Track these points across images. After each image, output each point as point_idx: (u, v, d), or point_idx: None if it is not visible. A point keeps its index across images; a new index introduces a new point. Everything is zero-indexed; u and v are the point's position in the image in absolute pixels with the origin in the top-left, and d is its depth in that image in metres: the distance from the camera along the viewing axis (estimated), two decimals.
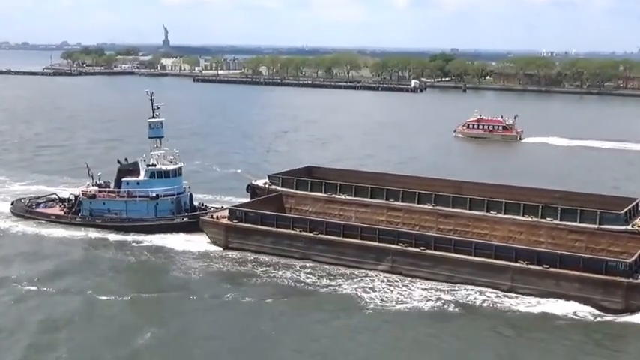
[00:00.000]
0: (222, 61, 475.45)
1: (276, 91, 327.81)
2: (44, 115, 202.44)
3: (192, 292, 61.12)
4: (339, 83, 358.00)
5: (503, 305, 58.37)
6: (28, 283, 62.19)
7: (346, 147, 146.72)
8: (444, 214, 72.42)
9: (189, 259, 69.92)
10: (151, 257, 70.41)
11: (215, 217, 73.60)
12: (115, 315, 56.37)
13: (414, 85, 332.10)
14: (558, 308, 57.48)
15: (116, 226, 78.11)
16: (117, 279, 64.66)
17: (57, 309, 57.20)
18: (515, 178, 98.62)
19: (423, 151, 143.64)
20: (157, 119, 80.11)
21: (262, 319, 55.70)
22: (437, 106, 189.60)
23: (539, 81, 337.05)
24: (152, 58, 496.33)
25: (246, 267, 67.25)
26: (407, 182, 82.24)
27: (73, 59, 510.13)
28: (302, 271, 65.73)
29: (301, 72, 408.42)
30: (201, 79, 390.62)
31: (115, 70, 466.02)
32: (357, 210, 76.22)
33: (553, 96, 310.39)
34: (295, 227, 69.42)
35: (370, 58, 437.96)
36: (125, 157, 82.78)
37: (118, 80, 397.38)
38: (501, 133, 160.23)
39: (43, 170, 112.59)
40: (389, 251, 64.82)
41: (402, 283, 62.66)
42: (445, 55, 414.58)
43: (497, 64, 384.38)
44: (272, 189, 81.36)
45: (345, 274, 64.88)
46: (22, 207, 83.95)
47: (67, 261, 69.31)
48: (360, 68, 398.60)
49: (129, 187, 79.37)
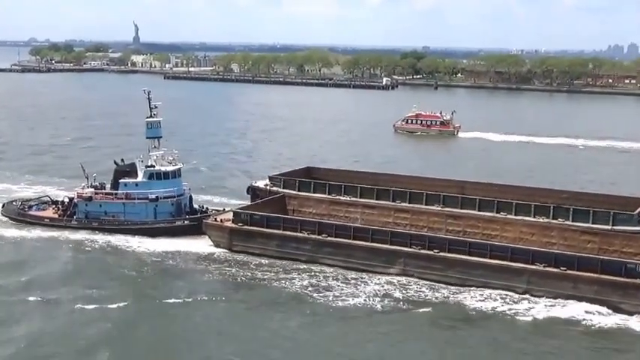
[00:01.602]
0: (193, 58, 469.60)
1: (247, 88, 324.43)
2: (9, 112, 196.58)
3: (197, 297, 58.78)
4: (311, 81, 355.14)
5: (519, 308, 57.00)
6: (21, 290, 59.25)
7: (287, 144, 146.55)
8: (453, 215, 70.89)
9: (192, 262, 67.32)
10: (152, 261, 67.63)
11: (219, 220, 71.11)
12: (115, 323, 53.81)
13: (386, 82, 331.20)
14: (575, 311, 56.35)
15: (114, 229, 75.17)
16: (118, 284, 61.82)
17: (54, 318, 54.67)
18: (444, 171, 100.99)
19: (358, 147, 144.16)
20: (155, 119, 77.29)
21: (270, 324, 53.84)
22: (404, 103, 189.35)
23: (509, 79, 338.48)
24: (122, 55, 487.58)
25: (252, 271, 64.86)
26: (405, 182, 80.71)
27: (42, 56, 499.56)
28: (310, 275, 63.62)
29: (273, 69, 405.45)
30: (172, 77, 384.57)
31: (84, 67, 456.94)
32: (363, 211, 74.35)
33: (523, 94, 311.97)
34: (303, 230, 67.33)
35: (342, 56, 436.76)
36: (122, 158, 79.82)
37: (87, 77, 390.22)
38: (439, 128, 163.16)
39: (24, 171, 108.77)
40: (400, 254, 63.12)
41: (412, 287, 60.94)
42: (417, 53, 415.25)
43: (469, 62, 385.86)
44: (273, 190, 79.10)
45: (354, 277, 62.97)
46: (13, 209, 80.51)
47: (64, 266, 66.28)
48: (331, 66, 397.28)
49: (127, 189, 76.43)
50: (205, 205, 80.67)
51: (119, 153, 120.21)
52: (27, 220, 78.51)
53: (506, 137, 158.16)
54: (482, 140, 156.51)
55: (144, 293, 59.91)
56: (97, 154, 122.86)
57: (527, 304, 57.65)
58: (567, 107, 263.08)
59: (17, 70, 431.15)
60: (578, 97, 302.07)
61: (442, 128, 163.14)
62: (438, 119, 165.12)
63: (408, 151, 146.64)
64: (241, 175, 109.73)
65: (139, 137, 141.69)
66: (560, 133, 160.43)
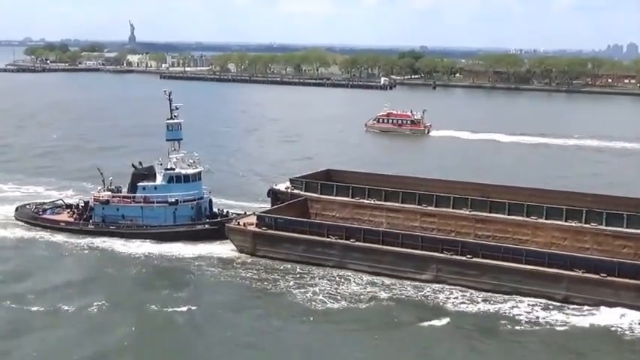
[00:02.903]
0: (189, 57, 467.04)
1: (244, 88, 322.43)
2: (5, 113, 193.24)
3: (222, 304, 57.16)
4: (309, 80, 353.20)
5: (558, 315, 55.33)
6: (42, 296, 57.42)
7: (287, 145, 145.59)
8: (482, 219, 69.10)
9: (215, 268, 65.31)
10: (173, 267, 65.72)
11: (242, 224, 69.19)
12: (139, 331, 52.22)
13: (384, 82, 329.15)
14: (615, 318, 54.73)
15: (132, 233, 73.11)
16: (140, 290, 60.04)
17: (75, 325, 53.00)
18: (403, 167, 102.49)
19: (327, 145, 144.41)
20: (175, 120, 75.27)
21: (301, 336, 52.16)
22: (401, 103, 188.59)
23: (508, 79, 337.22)
24: (118, 54, 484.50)
25: (278, 277, 62.92)
26: (428, 185, 78.52)
27: (37, 55, 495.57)
28: (338, 281, 61.76)
29: (270, 69, 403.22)
30: (168, 76, 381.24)
31: (79, 67, 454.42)
32: (388, 215, 72.60)
33: (522, 93, 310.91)
34: (329, 234, 65.49)
35: (339, 56, 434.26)
36: (139, 161, 77.68)
37: (83, 77, 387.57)
38: (410, 127, 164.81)
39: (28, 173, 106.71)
40: (433, 260, 61.32)
41: (445, 294, 59.13)
42: (414, 53, 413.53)
43: (467, 62, 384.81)
44: (295, 193, 77.19)
45: (385, 283, 61.15)
46: (27, 213, 78.39)
47: (82, 273, 64.32)
48: (329, 65, 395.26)
49: (145, 192, 74.38)
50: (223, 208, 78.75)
51: (127, 155, 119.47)
52: (41, 223, 76.40)
53: (480, 136, 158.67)
54: (453, 139, 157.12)
55: (167, 300, 57.69)
56: (107, 156, 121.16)
57: (565, 311, 56.00)
58: (563, 107, 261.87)
59: (12, 69, 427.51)
60: (577, 96, 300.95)
61: (413, 127, 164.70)
62: (408, 118, 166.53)
63: (376, 148, 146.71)
64: (250, 176, 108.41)
65: (145, 138, 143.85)
66: (546, 133, 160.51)
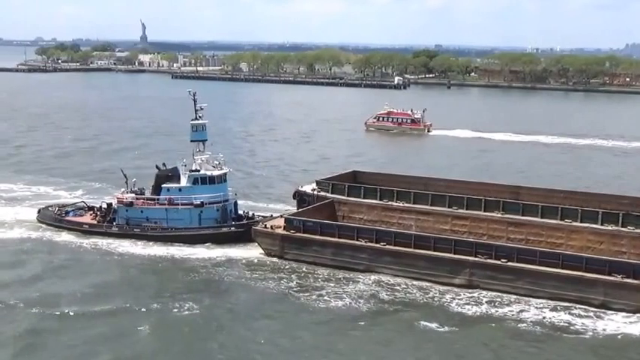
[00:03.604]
0: (201, 57, 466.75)
1: (256, 88, 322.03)
2: (18, 114, 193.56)
3: (251, 308, 56.45)
4: (322, 80, 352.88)
5: (596, 322, 54.27)
6: (65, 300, 56.88)
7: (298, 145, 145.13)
8: (515, 222, 68.08)
9: (243, 272, 64.49)
10: (200, 270, 64.85)
11: (269, 227, 68.45)
12: (159, 335, 51.64)
13: (398, 81, 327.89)
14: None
15: (157, 236, 72.50)
16: (163, 295, 58.95)
17: (99, 328, 52.49)
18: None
19: (340, 145, 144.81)
20: (200, 121, 74.62)
21: (330, 338, 51.42)
22: (415, 102, 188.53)
23: (524, 78, 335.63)
24: (129, 54, 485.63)
25: (308, 281, 62.14)
26: (457, 187, 77.54)
27: (48, 55, 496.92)
28: (368, 285, 60.91)
29: (282, 68, 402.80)
30: (179, 76, 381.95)
31: (90, 67, 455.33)
32: (418, 218, 71.66)
33: (538, 93, 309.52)
34: (359, 237, 64.65)
35: (353, 55, 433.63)
36: (163, 162, 77.11)
37: (94, 77, 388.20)
38: (409, 126, 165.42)
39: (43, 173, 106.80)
40: (466, 264, 60.36)
41: (480, 299, 58.18)
42: (429, 52, 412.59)
43: (482, 61, 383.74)
44: (321, 195, 76.37)
45: (417, 288, 60.22)
46: (50, 215, 77.88)
47: (106, 276, 63.59)
48: (342, 65, 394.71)
49: (170, 194, 73.75)
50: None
51: (144, 156, 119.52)
52: (64, 226, 75.93)
53: (474, 134, 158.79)
54: (453, 138, 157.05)
55: (193, 304, 56.91)
56: (123, 157, 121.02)
57: (602, 317, 54.99)
58: (580, 106, 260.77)
59: (23, 69, 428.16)
60: (595, 96, 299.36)
61: (413, 126, 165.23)
62: (408, 117, 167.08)
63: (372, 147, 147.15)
64: (269, 177, 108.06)
65: (160, 139, 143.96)
66: (554, 132, 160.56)
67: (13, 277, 62.54)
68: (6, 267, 65.12)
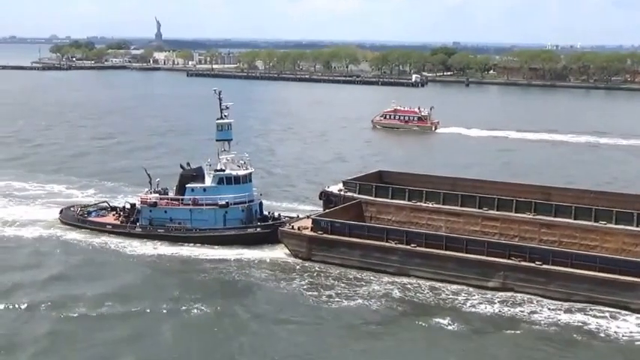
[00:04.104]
0: (216, 55, 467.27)
1: (272, 85, 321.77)
2: (33, 112, 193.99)
3: (278, 311, 55.68)
4: (338, 78, 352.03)
5: (632, 327, 53.11)
6: (88, 301, 56.49)
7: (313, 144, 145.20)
8: (547, 223, 66.95)
9: (269, 273, 63.83)
10: (224, 271, 64.24)
11: (296, 228, 67.74)
12: (182, 338, 51.12)
13: (415, 79, 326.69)
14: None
15: (181, 237, 71.90)
16: (187, 297, 58.23)
17: (124, 330, 52.21)
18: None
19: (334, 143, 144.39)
20: (226, 120, 73.93)
21: (357, 343, 50.57)
22: (433, 101, 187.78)
23: (544, 75, 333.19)
24: (144, 52, 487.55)
25: (337, 284, 61.14)
26: (487, 187, 76.53)
27: (63, 53, 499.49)
28: (399, 288, 59.92)
29: (298, 66, 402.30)
30: (195, 74, 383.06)
31: (105, 65, 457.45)
32: (447, 219, 70.68)
33: (558, 91, 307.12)
34: (389, 239, 63.82)
35: (370, 52, 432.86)
36: (187, 162, 76.54)
37: (109, 75, 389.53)
38: (416, 124, 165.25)
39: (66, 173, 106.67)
40: (499, 266, 59.35)
41: (514, 302, 57.12)
42: (447, 49, 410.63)
43: (501, 58, 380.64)
44: (348, 196, 75.59)
45: (449, 291, 59.25)
46: (72, 215, 77.55)
47: (130, 277, 63.17)
48: (359, 62, 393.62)
49: (194, 194, 73.16)
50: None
51: (164, 155, 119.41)
52: (87, 226, 75.56)
53: (483, 132, 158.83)
54: (460, 136, 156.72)
55: (219, 307, 56.50)
56: (141, 156, 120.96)
57: None
58: (600, 104, 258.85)
59: (38, 67, 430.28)
60: (616, 93, 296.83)
61: (420, 124, 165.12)
62: (415, 115, 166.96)
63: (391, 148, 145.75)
64: (290, 176, 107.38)
65: (178, 138, 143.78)
66: (574, 130, 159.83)
67: (35, 277, 62.20)
68: (28, 267, 64.82)
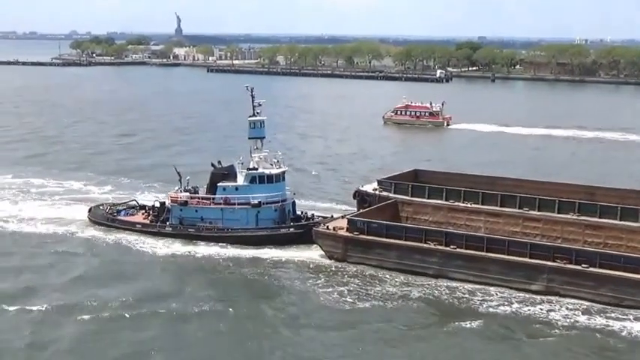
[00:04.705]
0: (237, 50, 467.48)
1: (294, 81, 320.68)
2: (53, 108, 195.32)
3: (314, 315, 54.52)
4: (361, 73, 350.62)
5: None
6: (121, 303, 55.87)
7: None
8: (592, 225, 65.35)
9: (303, 275, 62.81)
10: (256, 272, 63.35)
11: (331, 228, 66.75)
12: (212, 340, 50.39)
13: (440, 75, 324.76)
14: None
15: (212, 237, 71.20)
16: (219, 299, 57.56)
17: (154, 331, 51.76)
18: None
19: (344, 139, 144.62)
20: (258, 117, 73.13)
21: (395, 349, 49.48)
22: (457, 96, 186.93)
23: (572, 70, 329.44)
24: (164, 47, 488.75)
25: (370, 285, 59.97)
26: (527, 186, 75.13)
27: (83, 49, 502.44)
28: (438, 291, 58.75)
29: (320, 61, 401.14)
30: (215, 70, 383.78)
31: (125, 61, 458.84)
32: (487, 220, 69.23)
33: (587, 86, 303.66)
34: (428, 240, 62.66)
35: (393, 47, 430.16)
36: (219, 160, 75.85)
37: (129, 71, 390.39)
38: (428, 119, 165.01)
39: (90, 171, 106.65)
40: (543, 269, 57.97)
41: (559, 307, 55.73)
42: (472, 44, 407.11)
43: (528, 53, 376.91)
44: (383, 195, 74.49)
45: (492, 294, 57.89)
46: (101, 214, 77.18)
47: (160, 277, 62.67)
48: (382, 57, 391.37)
49: (226, 193, 72.40)
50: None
51: (186, 153, 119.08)
52: (117, 225, 75.10)
53: (495, 128, 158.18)
54: (472, 132, 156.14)
55: (251, 310, 55.79)
56: (170, 154, 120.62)
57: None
58: (630, 100, 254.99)
59: (58, 63, 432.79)
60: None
61: (431, 119, 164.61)
62: (427, 110, 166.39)
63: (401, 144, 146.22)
64: (319, 175, 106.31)
65: (198, 135, 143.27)
66: (593, 126, 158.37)
67: (65, 278, 61.78)
68: (58, 268, 64.48)
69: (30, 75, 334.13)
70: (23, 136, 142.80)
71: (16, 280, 60.86)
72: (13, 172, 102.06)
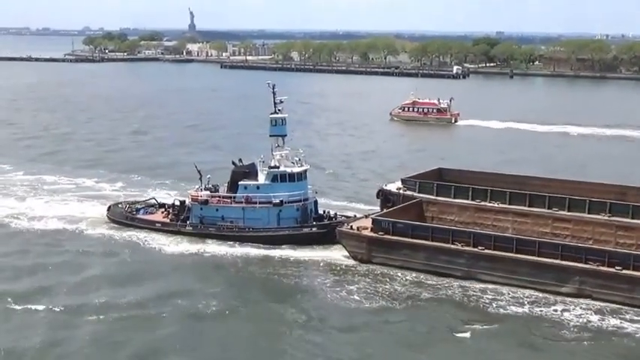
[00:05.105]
0: (251, 46, 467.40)
1: (308, 77, 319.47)
2: (65, 105, 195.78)
3: (337, 317, 54.01)
4: (376, 69, 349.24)
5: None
6: (142, 302, 56.01)
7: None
8: (624, 226, 64.25)
9: (327, 276, 62.23)
10: (278, 272, 62.86)
11: (355, 228, 66.05)
12: (235, 343, 50.11)
13: (456, 71, 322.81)
14: None
15: (233, 236, 70.69)
16: (240, 301, 57.39)
17: (173, 328, 51.90)
18: None
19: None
20: (280, 115, 72.54)
21: (422, 355, 48.92)
22: (474, 93, 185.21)
23: (593, 66, 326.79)
24: (177, 43, 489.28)
25: (397, 287, 59.40)
26: (555, 186, 74.00)
27: (95, 45, 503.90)
28: (464, 293, 58.07)
29: (335, 57, 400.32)
30: (229, 66, 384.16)
31: (138, 57, 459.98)
32: (515, 220, 68.29)
33: (608, 82, 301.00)
34: (455, 241, 61.85)
35: (409, 43, 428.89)
36: (239, 158, 75.33)
37: (142, 67, 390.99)
38: (435, 116, 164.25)
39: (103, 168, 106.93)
40: (575, 271, 57.06)
41: (591, 310, 54.83)
42: (490, 39, 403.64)
43: (547, 49, 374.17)
44: (408, 195, 73.68)
45: (523, 297, 56.96)
46: (121, 213, 76.84)
47: (181, 277, 62.27)
48: (398, 53, 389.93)
49: (247, 192, 71.85)
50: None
51: (197, 152, 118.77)
52: (136, 224, 74.72)
53: (503, 124, 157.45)
54: (480, 129, 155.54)
55: (274, 310, 55.52)
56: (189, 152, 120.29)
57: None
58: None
59: (70, 60, 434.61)
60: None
61: (439, 116, 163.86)
62: (434, 106, 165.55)
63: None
64: (338, 173, 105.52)
65: (214, 133, 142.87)
66: (614, 124, 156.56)
67: (86, 278, 61.48)
68: (77, 266, 64.29)
69: (43, 71, 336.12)
70: (37, 133, 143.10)
71: (34, 279, 60.80)
72: (25, 169, 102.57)
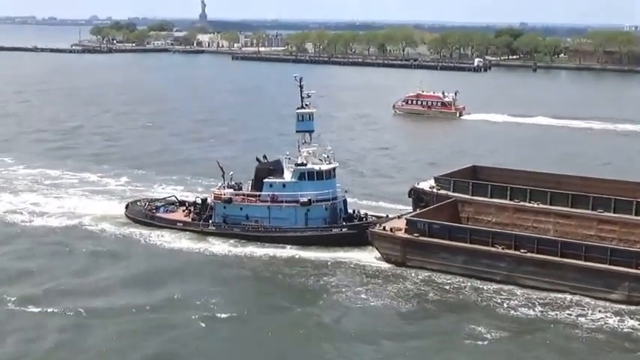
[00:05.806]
0: (263, 37, 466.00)
1: (322, 69, 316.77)
2: (72, 98, 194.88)
3: (370, 324, 52.85)
4: (394, 62, 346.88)
5: None
6: (163, 305, 55.54)
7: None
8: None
9: (358, 279, 60.90)
10: (305, 275, 61.64)
11: (389, 229, 64.62)
12: (257, 349, 49.37)
13: (478, 63, 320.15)
14: None
15: (258, 236, 69.41)
16: (265, 305, 56.48)
17: (191, 329, 51.59)
18: None
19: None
20: (307, 110, 71.18)
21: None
22: (497, 87, 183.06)
23: (620, 59, 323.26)
24: (187, 33, 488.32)
25: (434, 292, 58.04)
26: (599, 185, 71.87)
27: (103, 35, 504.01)
28: (506, 298, 56.50)
29: (351, 49, 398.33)
30: (240, 57, 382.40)
31: (147, 47, 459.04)
32: (556, 222, 66.58)
33: (637, 76, 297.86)
34: (495, 243, 60.32)
35: (428, 34, 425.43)
36: (264, 154, 73.97)
37: (151, 59, 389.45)
38: (440, 109, 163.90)
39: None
40: (625, 277, 55.45)
41: None
42: (513, 31, 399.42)
43: (573, 41, 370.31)
44: (442, 194, 72.19)
45: (565, 303, 55.56)
46: (140, 211, 75.73)
47: (203, 279, 61.10)
48: (416, 45, 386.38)
49: (272, 190, 70.53)
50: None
51: (213, 146, 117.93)
52: (157, 223, 73.54)
53: (509, 119, 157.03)
54: (486, 122, 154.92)
55: (302, 315, 54.64)
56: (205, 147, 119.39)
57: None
58: None
59: (77, 50, 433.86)
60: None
61: (443, 109, 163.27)
62: (439, 100, 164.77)
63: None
64: (362, 171, 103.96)
65: (227, 128, 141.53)
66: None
67: (103, 279, 60.69)
68: (96, 269, 63.32)
69: (49, 62, 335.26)
70: (42, 126, 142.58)
71: (50, 280, 60.08)
72: (29, 163, 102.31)
